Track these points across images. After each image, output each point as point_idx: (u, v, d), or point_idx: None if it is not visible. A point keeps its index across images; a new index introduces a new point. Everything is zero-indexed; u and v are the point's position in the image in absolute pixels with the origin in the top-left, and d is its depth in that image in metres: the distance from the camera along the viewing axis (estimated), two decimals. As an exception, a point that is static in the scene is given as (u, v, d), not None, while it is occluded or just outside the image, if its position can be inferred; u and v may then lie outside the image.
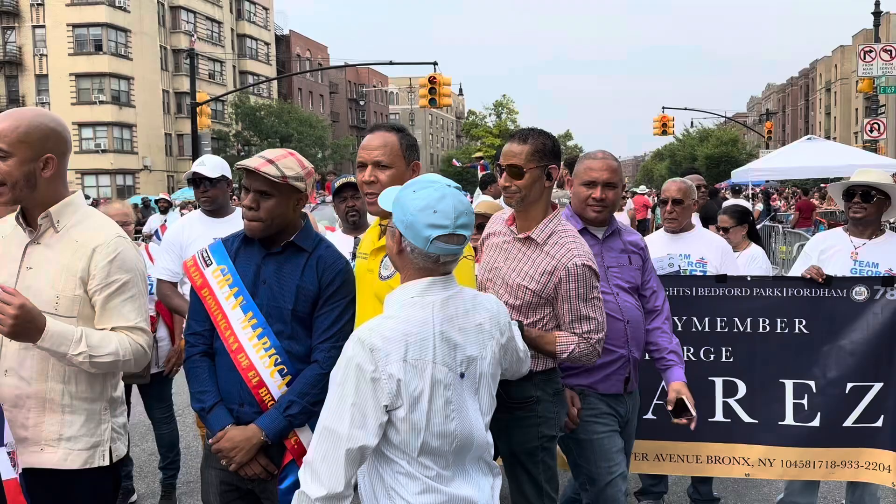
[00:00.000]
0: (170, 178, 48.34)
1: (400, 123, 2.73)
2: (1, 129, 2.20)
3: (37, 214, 2.30)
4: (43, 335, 2.11)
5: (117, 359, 2.26)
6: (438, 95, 22.70)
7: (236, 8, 56.43)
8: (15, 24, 44.28)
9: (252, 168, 2.39)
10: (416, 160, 2.58)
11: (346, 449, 1.79)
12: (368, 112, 77.76)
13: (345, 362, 1.83)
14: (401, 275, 2.01)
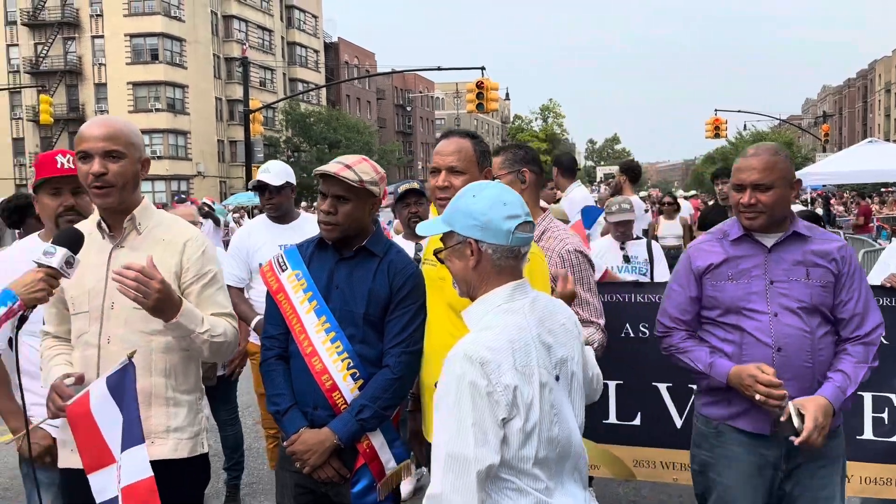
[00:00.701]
0: (222, 183, 49.41)
1: (473, 130, 2.75)
2: (110, 132, 2.29)
3: (118, 218, 2.37)
4: (180, 311, 2.22)
5: (226, 339, 2.39)
6: (486, 100, 22.73)
7: (286, 16, 57.45)
8: (75, 35, 45.86)
9: (332, 173, 2.44)
10: (488, 167, 2.60)
11: (476, 472, 1.70)
12: (414, 117, 78.22)
13: (455, 382, 1.74)
14: (477, 291, 1.94)
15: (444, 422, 1.76)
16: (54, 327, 2.50)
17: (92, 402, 2.16)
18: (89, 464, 2.21)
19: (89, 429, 2.17)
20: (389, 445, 2.50)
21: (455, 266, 1.96)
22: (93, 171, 2.28)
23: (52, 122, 29.37)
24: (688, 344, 2.70)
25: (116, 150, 2.28)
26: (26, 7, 45.47)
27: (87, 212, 2.84)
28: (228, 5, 50.82)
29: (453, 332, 2.38)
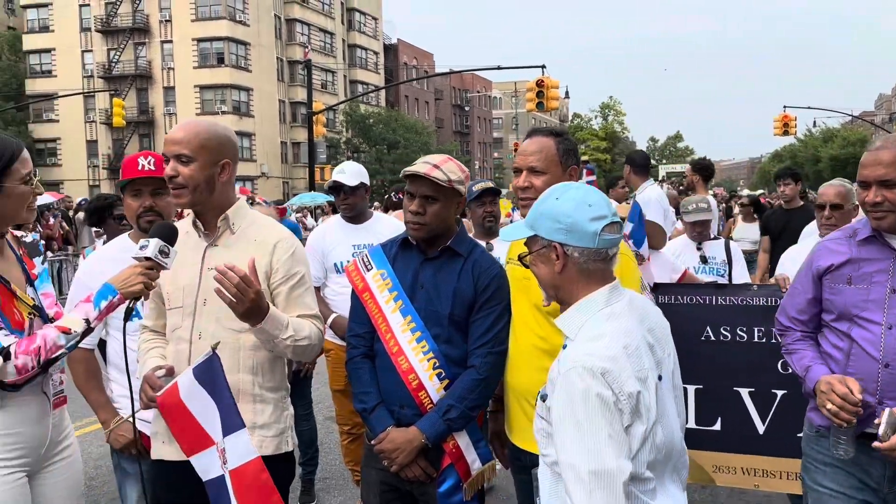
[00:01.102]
0: (285, 184, 50.42)
1: (561, 127, 2.73)
2: (183, 136, 2.35)
3: (211, 218, 2.43)
4: (266, 318, 2.25)
5: (310, 342, 2.40)
6: (546, 99, 22.54)
7: (347, 19, 58.24)
8: (145, 40, 47.49)
9: (421, 173, 2.45)
10: (573, 165, 2.55)
11: (621, 483, 1.65)
12: (472, 117, 78.23)
13: (581, 398, 1.67)
14: (567, 296, 1.90)
15: (577, 440, 1.67)
16: (152, 321, 2.57)
17: (182, 392, 2.22)
18: (189, 447, 2.27)
19: (183, 416, 2.23)
20: (475, 446, 2.50)
21: (541, 271, 1.92)
22: (166, 173, 2.38)
23: (124, 125, 30.43)
24: (798, 345, 2.59)
25: (185, 155, 2.34)
26: (100, 14, 47.31)
27: (166, 212, 2.93)
28: (291, 9, 51.82)
29: (539, 333, 2.40)
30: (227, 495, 2.21)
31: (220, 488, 2.23)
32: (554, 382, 1.78)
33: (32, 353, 2.05)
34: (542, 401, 1.85)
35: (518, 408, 2.45)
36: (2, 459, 2.12)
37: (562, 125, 12.01)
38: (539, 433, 1.88)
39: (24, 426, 2.17)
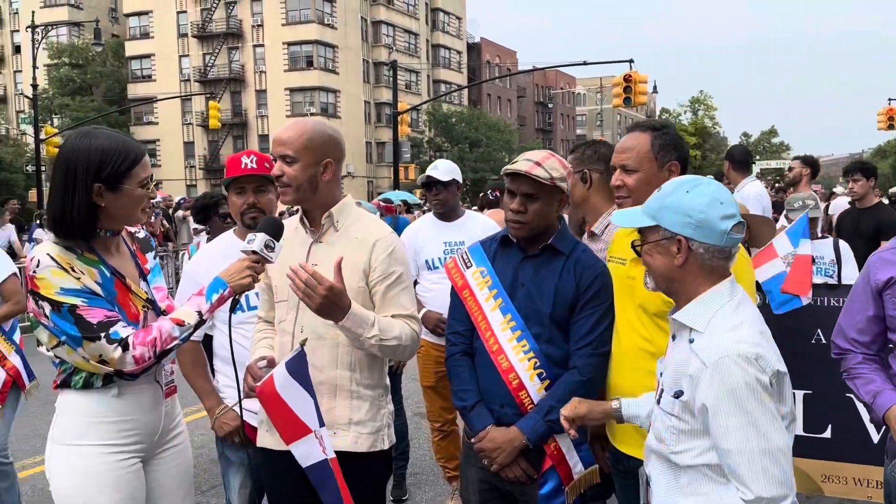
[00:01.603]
0: (369, 183, 51.31)
1: (662, 121, 2.63)
2: (288, 137, 2.40)
3: (317, 215, 2.47)
4: (347, 315, 2.26)
5: (400, 343, 2.38)
6: (634, 94, 21.99)
7: (431, 19, 58.70)
8: (239, 45, 49.28)
9: (523, 171, 2.41)
10: (672, 160, 2.45)
11: (790, 458, 1.73)
12: (555, 114, 77.41)
13: (741, 383, 1.68)
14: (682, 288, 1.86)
15: (743, 425, 1.68)
16: (265, 312, 2.64)
17: (277, 384, 2.26)
18: (287, 436, 2.30)
19: (280, 407, 2.27)
20: (577, 449, 2.44)
21: (656, 262, 1.88)
22: (273, 172, 2.44)
23: (219, 127, 31.68)
24: (862, 369, 2.37)
25: (289, 155, 2.38)
26: (196, 20, 49.41)
27: (268, 209, 3.00)
28: (377, 11, 52.66)
29: (644, 335, 2.32)
30: (332, 478, 2.25)
31: (324, 471, 2.26)
32: (696, 377, 1.75)
33: (149, 344, 2.12)
34: (676, 398, 1.81)
35: None
36: (119, 445, 2.21)
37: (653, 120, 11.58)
38: (668, 430, 1.84)
39: (140, 414, 2.26)
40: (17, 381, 4.11)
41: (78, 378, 2.18)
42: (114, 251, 2.30)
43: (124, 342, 2.09)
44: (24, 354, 4.19)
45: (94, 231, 2.19)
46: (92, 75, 49.47)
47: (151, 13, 50.19)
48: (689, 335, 1.83)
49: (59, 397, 2.25)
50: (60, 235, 2.16)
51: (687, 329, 1.84)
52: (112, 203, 2.17)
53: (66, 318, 2.07)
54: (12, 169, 32.98)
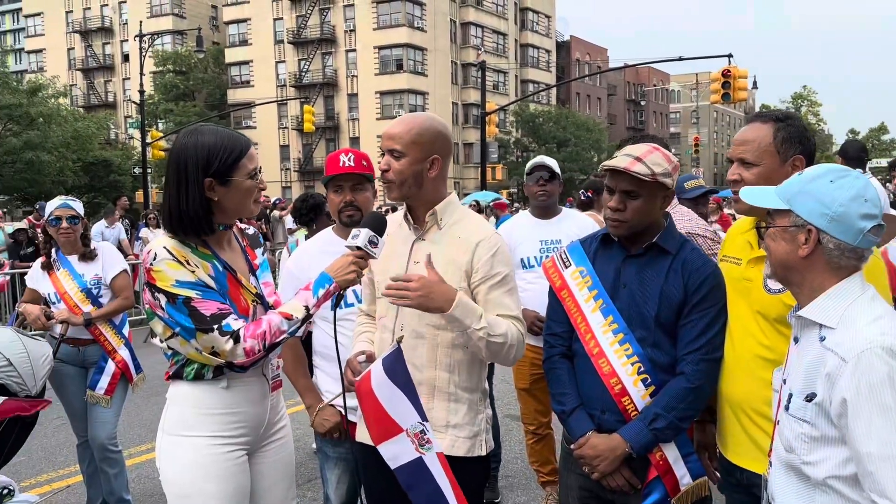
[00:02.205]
0: (456, 184, 51.50)
1: (785, 111, 2.44)
2: (397, 132, 2.38)
3: (422, 212, 2.44)
4: (454, 304, 2.23)
5: (506, 341, 2.30)
6: (733, 90, 21.17)
7: (521, 19, 58.44)
8: (332, 50, 50.59)
9: (621, 168, 2.30)
10: (796, 154, 2.27)
11: None
12: (647, 112, 75.56)
13: (886, 379, 1.57)
14: (804, 280, 1.75)
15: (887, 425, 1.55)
16: (367, 306, 2.65)
17: (373, 381, 2.25)
18: (377, 435, 2.29)
19: (374, 404, 2.25)
20: (685, 459, 2.32)
21: (778, 247, 1.78)
22: (380, 166, 2.42)
23: (314, 130, 32.56)
24: None
25: (397, 150, 2.36)
26: (291, 27, 51.04)
27: (364, 207, 3.00)
28: (466, 12, 52.88)
29: (762, 341, 2.17)
30: (427, 475, 2.20)
31: (417, 470, 2.22)
32: (833, 375, 1.62)
33: (259, 337, 2.16)
34: (808, 401, 1.68)
35: (734, 421, 2.24)
36: (226, 437, 2.27)
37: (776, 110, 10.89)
38: (799, 438, 1.70)
39: (247, 406, 2.31)
40: (126, 374, 4.30)
41: (190, 369, 2.25)
42: (226, 246, 2.36)
43: (236, 334, 2.14)
44: (133, 348, 4.39)
45: (209, 225, 2.25)
46: (194, 81, 51.98)
47: (249, 21, 52.19)
48: (819, 332, 1.71)
49: (170, 388, 2.32)
50: (177, 230, 2.23)
51: (816, 326, 1.72)
52: (224, 196, 2.23)
53: (180, 310, 2.13)
54: (120, 171, 34.95)
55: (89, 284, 4.21)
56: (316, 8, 50.13)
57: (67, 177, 29.14)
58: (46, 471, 5.49)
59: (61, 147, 28.28)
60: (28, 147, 26.31)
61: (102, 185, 33.54)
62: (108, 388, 4.24)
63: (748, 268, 2.25)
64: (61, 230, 4.18)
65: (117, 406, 4.30)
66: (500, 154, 46.64)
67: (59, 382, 4.25)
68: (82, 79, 58.07)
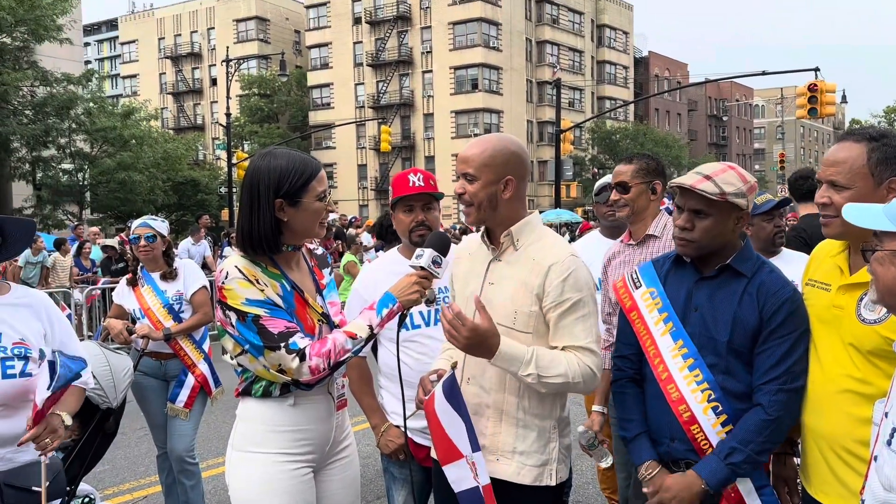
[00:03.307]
0: (530, 202, 51.34)
1: (881, 128, 2.26)
2: (470, 155, 2.36)
3: (499, 233, 2.40)
4: (496, 355, 2.18)
5: (566, 380, 2.22)
6: (820, 105, 20.28)
7: (597, 36, 58.01)
8: (409, 72, 51.50)
9: (688, 186, 2.24)
10: (893, 177, 2.09)
11: None
12: (730, 127, 73.43)
13: None
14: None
15: None
16: None
17: (436, 402, 2.24)
18: (443, 456, 2.29)
19: (437, 425, 2.25)
20: (758, 492, 2.21)
21: (886, 273, 1.65)
22: (456, 190, 2.40)
23: (390, 150, 33.13)
24: None
25: (470, 173, 2.34)
26: (370, 50, 52.27)
27: (434, 226, 3.00)
28: (542, 31, 52.90)
29: (855, 375, 2.02)
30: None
31: (476, 500, 2.21)
32: None
33: (324, 355, 2.19)
34: None
35: (820, 457, 2.11)
36: (293, 454, 2.30)
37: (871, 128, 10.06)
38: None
39: (313, 424, 2.34)
40: (205, 387, 4.43)
41: (258, 386, 2.30)
42: (294, 266, 2.41)
43: (302, 353, 2.17)
44: (212, 362, 4.51)
45: (278, 245, 2.31)
46: (278, 104, 53.82)
47: (330, 45, 53.75)
48: None
49: (239, 405, 2.38)
50: (248, 250, 2.29)
51: None
52: (293, 217, 2.28)
53: (250, 328, 2.19)
54: (208, 190, 36.41)
55: (171, 301, 4.36)
56: (394, 31, 51.19)
57: (157, 196, 30.55)
58: (128, 480, 5.72)
59: (152, 167, 29.71)
60: (121, 167, 27.73)
61: (190, 203, 35.02)
62: (188, 401, 4.37)
63: (838, 294, 2.10)
64: (140, 248, 4.34)
65: (196, 419, 4.43)
66: (576, 171, 46.19)
67: (141, 395, 4.42)
68: (172, 102, 61.03)
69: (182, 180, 34.31)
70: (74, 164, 28.50)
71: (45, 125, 25.48)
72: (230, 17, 57.55)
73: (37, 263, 11.90)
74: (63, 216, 28.49)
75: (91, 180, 28.81)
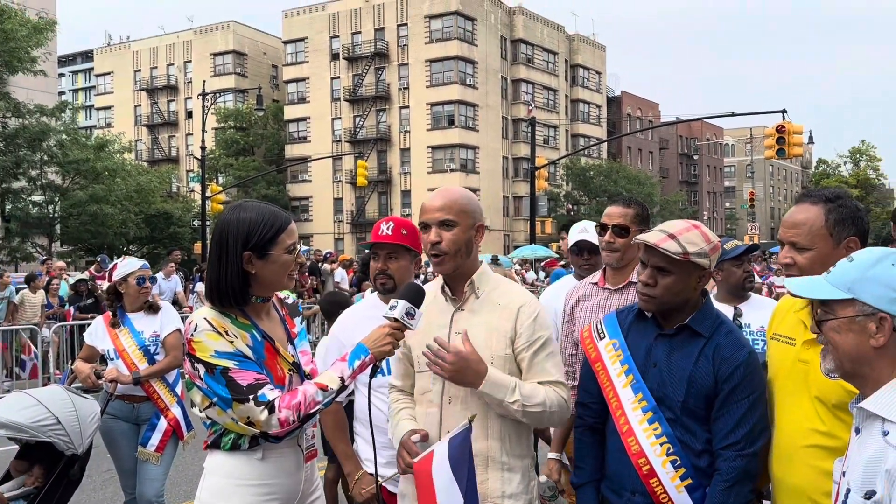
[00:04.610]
0: (506, 236, 51.66)
1: (835, 190, 2.36)
2: (447, 203, 2.41)
3: (460, 283, 2.45)
4: (484, 380, 2.25)
5: (545, 409, 2.31)
6: (788, 145, 20.87)
7: (571, 75, 59.12)
8: (386, 107, 51.91)
9: (651, 244, 2.29)
10: (850, 236, 2.20)
11: None
12: (701, 166, 74.78)
13: None
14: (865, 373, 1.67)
15: None
16: (400, 381, 2.62)
17: (434, 463, 2.23)
18: None
19: (427, 487, 2.24)
20: None
21: (845, 340, 1.68)
22: (429, 239, 2.41)
23: (366, 184, 33.22)
24: None
25: (449, 220, 2.38)
26: (348, 85, 52.67)
27: (397, 276, 3.01)
28: (517, 70, 53.79)
29: (821, 429, 2.06)
30: None
31: None
32: (893, 475, 1.53)
33: (294, 407, 2.19)
34: (867, 498, 1.59)
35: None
36: None
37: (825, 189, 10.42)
38: None
39: (281, 477, 2.33)
40: (177, 431, 4.38)
41: (227, 439, 2.29)
42: (264, 316, 2.42)
43: (271, 405, 2.16)
44: (184, 405, 4.45)
45: (246, 297, 2.32)
46: (254, 137, 53.81)
47: (308, 80, 54.07)
48: (881, 427, 1.61)
49: (208, 458, 2.37)
50: (216, 302, 2.30)
51: (878, 420, 1.63)
52: (261, 269, 2.29)
53: (218, 381, 2.18)
54: (181, 223, 36.13)
55: (147, 342, 4.32)
56: (372, 67, 51.69)
57: (129, 228, 30.21)
58: (93, 524, 5.56)
59: (124, 200, 29.41)
60: (93, 200, 27.41)
61: (163, 236, 34.71)
62: (160, 444, 4.31)
63: (803, 349, 2.14)
64: (143, 289, 4.36)
65: (167, 463, 4.36)
66: (551, 207, 46.66)
67: (110, 438, 4.35)
68: (147, 134, 60.76)
69: (155, 213, 34.02)
70: (45, 195, 28.14)
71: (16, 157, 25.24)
72: (207, 51, 57.73)
73: (2, 299, 11.67)
74: (32, 249, 28.02)
75: (62, 212, 28.43)
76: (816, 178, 70.52)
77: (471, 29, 49.64)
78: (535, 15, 55.39)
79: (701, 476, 2.25)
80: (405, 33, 50.50)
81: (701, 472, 2.26)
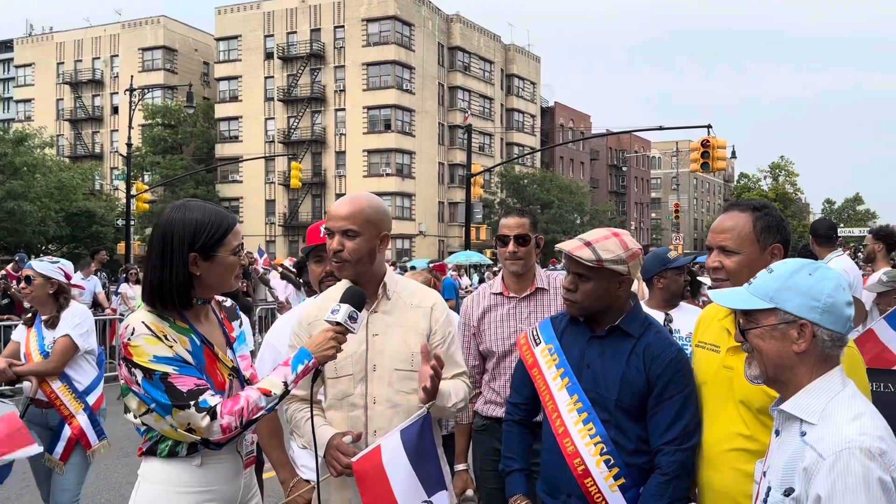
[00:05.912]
0: (441, 242, 51.82)
1: (764, 201, 2.52)
2: (351, 212, 2.46)
3: (370, 287, 2.51)
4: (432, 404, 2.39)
5: (465, 402, 2.58)
6: (712, 159, 21.70)
7: (506, 85, 59.89)
8: (321, 109, 51.35)
9: (566, 251, 2.41)
10: (775, 243, 2.33)
11: None
12: (629, 177, 76.89)
13: (861, 482, 1.55)
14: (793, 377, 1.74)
15: None
16: (303, 391, 2.48)
17: (385, 457, 2.24)
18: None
19: (380, 482, 2.24)
20: None
21: (769, 347, 1.76)
22: (332, 247, 2.47)
23: (300, 186, 32.80)
24: None
25: (352, 230, 2.44)
26: (282, 85, 51.88)
27: None
28: (454, 77, 54.13)
29: (744, 433, 2.16)
30: None
31: None
32: (811, 470, 1.62)
33: (236, 413, 2.15)
34: (786, 496, 1.67)
35: None
36: None
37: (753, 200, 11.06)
38: None
39: (220, 484, 2.29)
40: (81, 441, 4.14)
41: (164, 446, 2.23)
42: (203, 319, 2.37)
43: (212, 411, 2.12)
44: (94, 414, 4.22)
45: (189, 300, 2.27)
46: (183, 135, 52.36)
47: (240, 78, 52.99)
48: (799, 428, 1.71)
49: (142, 465, 2.30)
50: (157, 305, 2.24)
51: (797, 421, 1.72)
52: (207, 271, 2.26)
53: (157, 386, 2.12)
54: (103, 222, 34.82)
55: (48, 348, 4.14)
56: (307, 68, 51.09)
57: (49, 227, 28.96)
58: (9, 535, 5.32)
59: (44, 197, 28.21)
60: (10, 196, 26.18)
61: (84, 235, 33.35)
62: (63, 454, 4.11)
63: (728, 356, 2.22)
64: (22, 289, 4.27)
65: (78, 473, 4.17)
66: (485, 214, 47.11)
67: (25, 445, 4.16)
68: (70, 129, 58.33)
69: (76, 211, 32.70)
70: (-42, 191, 26.71)
71: (-75, 149, 23.82)
72: (136, 46, 55.92)
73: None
74: (-58, 246, 26.54)
75: (-24, 209, 27.05)
76: (738, 191, 73.42)
77: (408, 34, 49.70)
78: (473, 23, 55.91)
79: (634, 475, 2.33)
80: (342, 35, 50.12)
81: (634, 470, 2.34)
